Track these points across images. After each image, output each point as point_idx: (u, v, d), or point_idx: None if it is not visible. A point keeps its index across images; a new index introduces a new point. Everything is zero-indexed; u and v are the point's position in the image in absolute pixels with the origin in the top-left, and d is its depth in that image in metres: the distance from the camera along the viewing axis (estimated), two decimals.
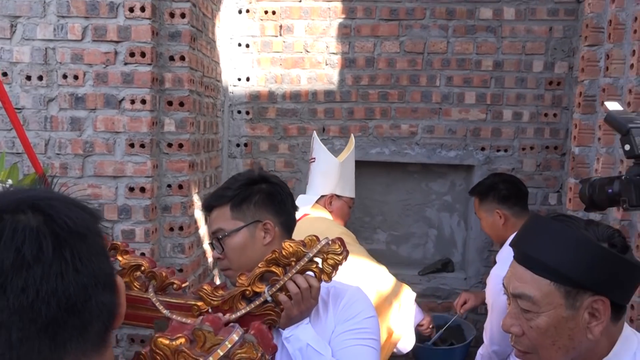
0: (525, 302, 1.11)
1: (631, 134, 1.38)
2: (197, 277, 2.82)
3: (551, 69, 3.18)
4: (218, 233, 1.52)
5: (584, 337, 1.10)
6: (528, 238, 1.16)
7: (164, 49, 2.53)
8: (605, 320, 1.08)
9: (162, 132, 2.58)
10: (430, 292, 3.35)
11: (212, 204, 1.56)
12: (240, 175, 1.62)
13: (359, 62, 3.26)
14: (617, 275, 1.08)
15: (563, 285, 1.08)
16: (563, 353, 1.11)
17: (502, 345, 2.50)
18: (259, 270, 1.40)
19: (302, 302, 1.37)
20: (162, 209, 2.61)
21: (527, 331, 1.12)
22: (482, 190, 2.67)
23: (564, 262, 1.07)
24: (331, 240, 1.40)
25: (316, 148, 2.53)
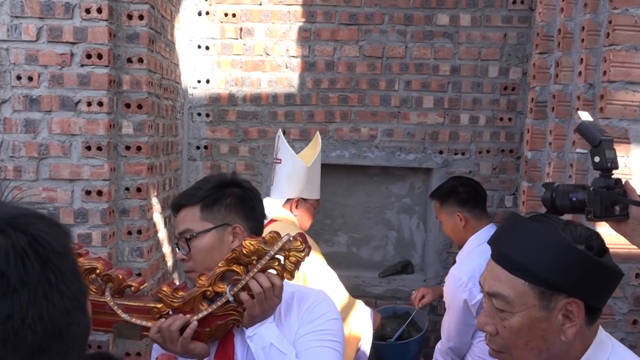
0: (500, 302, 1.11)
1: (602, 146, 1.43)
2: (156, 281, 2.79)
3: (506, 74, 3.26)
4: (185, 233, 1.48)
5: (557, 338, 1.09)
6: (505, 237, 1.15)
7: (122, 50, 2.50)
8: (579, 323, 1.07)
9: (119, 135, 2.55)
10: (390, 293, 3.39)
11: (182, 203, 1.52)
12: (213, 177, 1.60)
13: (319, 65, 3.28)
14: (593, 279, 1.07)
15: (537, 286, 1.07)
16: (536, 354, 1.11)
17: (458, 342, 2.56)
18: (219, 270, 1.37)
19: (265, 301, 1.35)
20: (120, 213, 2.58)
21: (501, 330, 1.12)
22: (442, 194, 2.72)
23: (539, 263, 1.06)
24: (292, 237, 1.38)
25: (282, 149, 2.49)
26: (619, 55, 2.04)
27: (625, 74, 2.05)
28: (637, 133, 2.06)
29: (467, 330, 2.54)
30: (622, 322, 2.13)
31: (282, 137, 2.49)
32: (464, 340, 2.57)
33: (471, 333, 2.54)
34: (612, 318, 2.13)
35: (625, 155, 2.07)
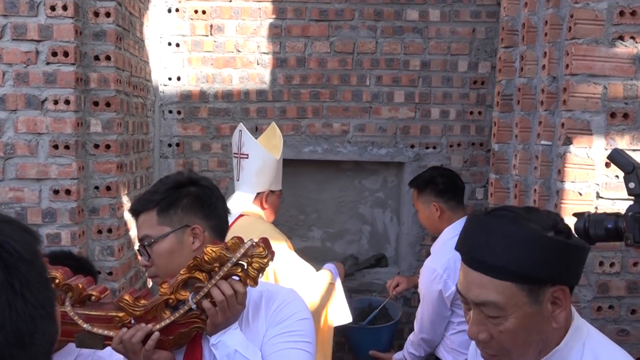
0: (491, 309, 1.10)
1: (636, 172, 1.44)
2: (128, 280, 2.78)
3: (475, 68, 3.30)
4: (144, 240, 1.45)
5: (550, 327, 1.12)
6: (476, 241, 1.13)
7: (89, 48, 2.48)
8: (567, 306, 1.12)
9: (88, 133, 2.52)
10: (365, 287, 3.42)
11: (138, 209, 1.49)
12: (168, 178, 1.55)
13: (290, 61, 3.29)
14: (570, 261, 1.10)
15: (525, 285, 1.08)
16: (535, 347, 1.13)
17: (431, 333, 2.60)
18: (181, 278, 1.35)
19: (228, 309, 1.33)
20: (89, 212, 2.56)
21: (497, 336, 1.11)
22: (421, 183, 2.74)
23: (521, 262, 1.07)
24: (255, 243, 1.36)
25: (248, 144, 2.46)
26: (580, 48, 2.08)
27: (587, 67, 2.09)
28: (598, 125, 2.11)
29: (441, 321, 2.58)
30: (587, 309, 2.18)
31: (247, 131, 2.45)
32: (437, 331, 2.60)
33: (444, 325, 2.58)
34: (577, 305, 2.18)
35: (588, 146, 2.11)
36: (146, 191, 1.54)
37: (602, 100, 2.10)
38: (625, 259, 2.16)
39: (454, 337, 2.55)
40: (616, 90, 2.10)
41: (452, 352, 2.57)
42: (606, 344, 1.20)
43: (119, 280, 2.63)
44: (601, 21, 2.07)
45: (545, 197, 2.23)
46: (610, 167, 2.13)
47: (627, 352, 2.25)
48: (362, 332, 2.96)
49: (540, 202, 2.24)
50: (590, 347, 1.15)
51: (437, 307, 2.51)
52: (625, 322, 2.19)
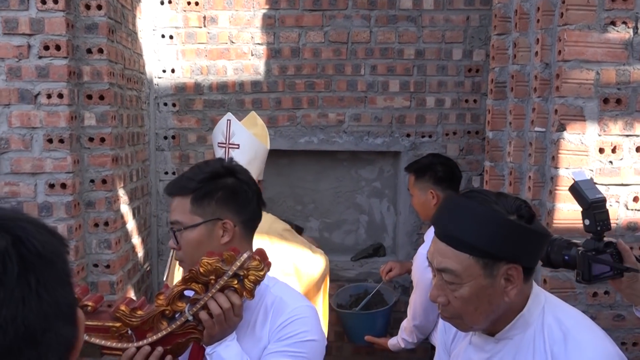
0: (449, 275, 1.22)
1: (591, 209, 1.45)
2: (125, 273, 2.79)
3: (470, 56, 3.29)
4: (175, 225, 1.46)
5: (501, 300, 1.23)
6: (447, 217, 1.26)
7: (81, 41, 2.47)
8: (519, 284, 1.22)
9: (82, 127, 2.52)
10: (363, 276, 3.42)
11: (173, 193, 1.48)
12: (207, 166, 1.51)
13: (285, 52, 3.28)
14: (527, 244, 1.22)
15: (481, 258, 1.20)
16: (485, 317, 1.25)
17: (423, 320, 2.61)
18: (177, 290, 1.36)
19: (225, 321, 1.34)
20: (85, 205, 2.57)
21: (452, 300, 1.24)
22: (419, 168, 2.73)
23: (479, 237, 1.19)
24: (251, 256, 1.36)
25: (238, 133, 2.43)
26: (572, 34, 2.07)
27: (579, 53, 2.09)
28: (592, 110, 2.11)
29: (434, 309, 2.58)
30: (582, 295, 2.19)
31: (237, 121, 2.42)
32: (429, 318, 2.61)
33: (437, 312, 2.59)
34: (572, 291, 2.19)
35: (582, 132, 2.11)
36: (183, 174, 1.52)
37: (594, 86, 2.10)
38: None
39: None
40: (609, 75, 2.10)
41: None
42: (562, 306, 1.33)
43: (117, 273, 2.64)
44: (593, 7, 2.06)
45: (539, 183, 2.24)
46: (604, 153, 2.13)
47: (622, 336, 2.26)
48: (356, 317, 2.98)
49: (535, 189, 2.24)
50: (549, 310, 1.29)
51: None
52: (620, 307, 2.20)
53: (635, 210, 2.16)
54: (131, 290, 2.90)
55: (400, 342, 2.78)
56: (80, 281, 2.52)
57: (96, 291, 2.61)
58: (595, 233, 1.48)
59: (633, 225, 2.16)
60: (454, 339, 1.50)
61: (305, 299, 1.52)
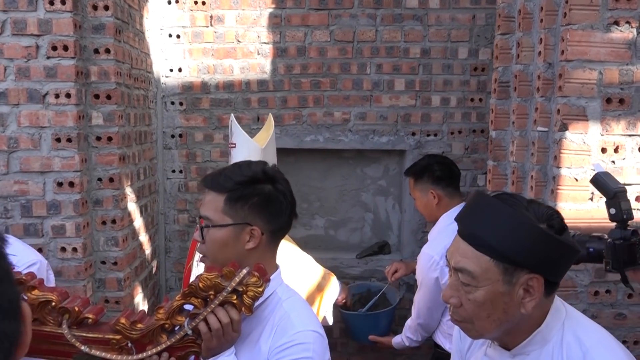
0: (466, 277, 1.17)
1: (617, 198, 1.47)
2: (133, 270, 2.83)
3: (475, 55, 3.30)
4: (205, 221, 1.45)
5: (517, 311, 1.16)
6: (472, 215, 1.20)
7: (88, 41, 2.51)
8: (538, 297, 1.15)
9: (90, 126, 2.56)
10: (368, 274, 3.45)
11: (209, 187, 1.47)
12: (248, 168, 1.48)
13: (291, 51, 3.30)
14: (553, 256, 1.14)
15: (502, 263, 1.14)
16: (497, 325, 1.18)
17: (427, 319, 2.63)
18: (176, 304, 1.38)
19: (223, 336, 1.35)
20: (93, 203, 2.61)
21: (465, 303, 1.19)
22: (417, 171, 2.75)
23: (504, 241, 1.13)
24: (250, 272, 1.37)
25: (235, 133, 2.47)
26: (575, 34, 2.08)
27: (582, 53, 2.09)
28: (594, 110, 2.11)
29: (438, 307, 2.60)
30: (584, 293, 2.20)
31: (235, 121, 2.46)
32: (434, 317, 2.63)
33: (441, 311, 2.61)
34: (574, 290, 2.20)
35: (584, 132, 2.12)
36: (224, 169, 1.50)
37: (597, 86, 2.10)
38: None
39: (450, 322, 2.58)
40: (612, 75, 2.10)
41: (449, 338, 2.59)
42: (583, 321, 1.26)
43: (124, 270, 2.67)
44: (596, 6, 2.06)
45: (542, 183, 2.24)
46: (607, 152, 2.14)
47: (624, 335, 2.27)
48: (361, 318, 3.00)
49: (537, 188, 2.25)
50: (570, 326, 1.22)
51: (434, 294, 2.53)
52: (622, 306, 2.21)
53: (637, 210, 2.16)
54: (138, 287, 2.94)
55: (405, 341, 2.80)
56: (88, 278, 2.56)
57: (104, 288, 2.65)
58: (621, 222, 1.48)
59: (635, 224, 2.16)
60: (470, 348, 1.46)
61: (313, 321, 1.48)
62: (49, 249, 2.49)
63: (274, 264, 1.54)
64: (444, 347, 2.66)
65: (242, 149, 2.45)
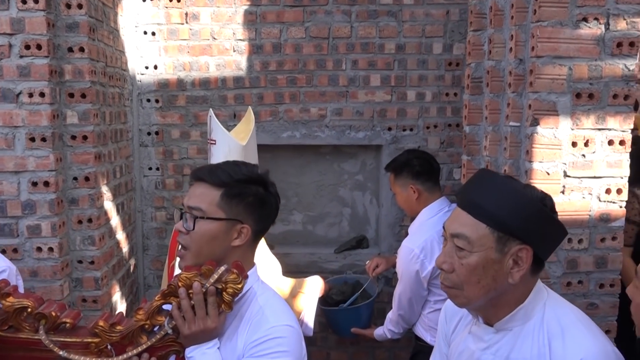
0: (462, 241, 1.26)
1: None
2: (110, 268, 2.82)
3: (450, 50, 3.34)
4: (196, 211, 1.44)
5: (505, 280, 1.26)
6: (476, 187, 1.30)
7: (62, 40, 2.48)
8: (525, 268, 1.25)
9: (64, 125, 2.54)
10: (347, 268, 3.48)
11: (203, 179, 1.47)
12: (245, 167, 1.52)
13: (266, 48, 3.30)
14: (544, 230, 1.26)
15: (497, 231, 1.24)
16: (485, 292, 1.27)
17: (407, 311, 2.67)
18: (156, 304, 1.40)
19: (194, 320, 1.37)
20: (69, 202, 2.59)
21: (458, 268, 1.27)
22: (397, 166, 2.78)
23: (501, 209, 1.23)
24: (228, 269, 1.39)
25: (215, 129, 2.46)
26: (545, 30, 2.12)
27: (552, 49, 2.13)
28: (564, 105, 2.16)
29: (418, 300, 2.64)
30: (557, 284, 2.25)
31: (214, 117, 2.44)
32: (414, 310, 2.67)
33: (421, 303, 2.65)
34: (547, 281, 2.25)
35: (555, 127, 2.16)
36: (219, 165, 1.52)
37: (567, 81, 2.15)
38: (593, 235, 2.23)
39: (431, 315, 2.62)
40: (581, 71, 2.15)
41: (430, 330, 2.64)
42: (563, 303, 1.37)
43: (101, 269, 2.66)
44: (565, 3, 2.10)
45: (515, 176, 2.29)
46: (577, 146, 2.19)
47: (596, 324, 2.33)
48: (342, 313, 3.03)
49: None
50: (551, 306, 1.32)
51: (414, 287, 2.57)
52: (594, 296, 2.27)
53: (607, 202, 2.22)
54: (116, 286, 2.93)
55: (387, 333, 2.84)
56: (65, 278, 2.55)
57: (81, 287, 2.64)
58: None
59: (605, 216, 2.22)
60: (455, 329, 1.52)
61: (287, 315, 1.49)
62: (24, 249, 2.47)
63: (251, 261, 1.56)
64: (424, 339, 2.70)
65: (223, 146, 2.44)
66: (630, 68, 2.14)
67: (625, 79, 2.15)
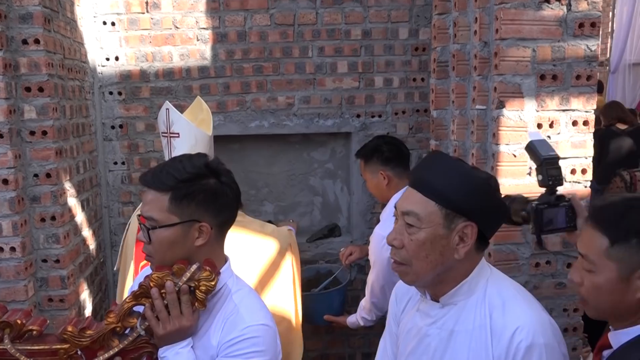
0: (411, 218, 1.34)
1: (544, 165, 1.59)
2: (77, 266, 2.75)
3: (416, 35, 3.32)
4: (149, 222, 1.40)
5: (451, 255, 1.34)
6: (426, 166, 1.40)
7: (16, 32, 2.39)
8: (470, 244, 1.34)
9: (22, 120, 2.46)
10: (320, 257, 3.46)
11: (149, 185, 1.42)
12: (190, 164, 1.44)
13: (231, 36, 3.24)
14: (489, 207, 1.35)
15: (445, 208, 1.31)
16: (432, 266, 1.35)
17: (380, 299, 2.67)
18: (127, 306, 1.37)
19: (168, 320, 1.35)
20: (30, 200, 2.51)
21: (407, 244, 1.35)
22: (367, 152, 2.77)
23: (449, 188, 1.31)
24: (201, 266, 1.37)
25: (176, 121, 2.35)
26: (509, 13, 2.12)
27: (515, 31, 2.13)
28: (529, 87, 2.17)
29: (391, 287, 2.60)
30: (526, 265, 2.27)
31: (174, 108, 2.35)
32: (387, 296, 2.65)
33: None
34: (516, 263, 2.26)
35: (520, 109, 2.17)
36: (163, 166, 1.45)
37: (531, 63, 2.16)
38: None
39: None
40: (544, 52, 2.16)
41: None
42: (505, 280, 1.46)
43: (67, 267, 2.60)
44: None
45: (482, 160, 2.29)
46: (542, 128, 2.20)
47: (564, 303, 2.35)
48: (313, 298, 3.02)
49: (478, 166, 2.29)
50: (493, 282, 1.41)
51: (387, 274, 2.57)
52: (561, 275, 2.29)
53: (573, 182, 2.24)
54: (84, 284, 2.86)
55: (360, 320, 2.84)
56: (29, 277, 2.48)
57: (47, 287, 2.57)
58: (548, 187, 1.61)
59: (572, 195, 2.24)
60: (404, 309, 1.59)
61: (262, 313, 1.47)
62: None
63: (223, 256, 1.53)
64: None
65: (188, 138, 2.35)
66: (592, 49, 2.16)
67: (588, 59, 2.16)
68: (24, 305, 2.43)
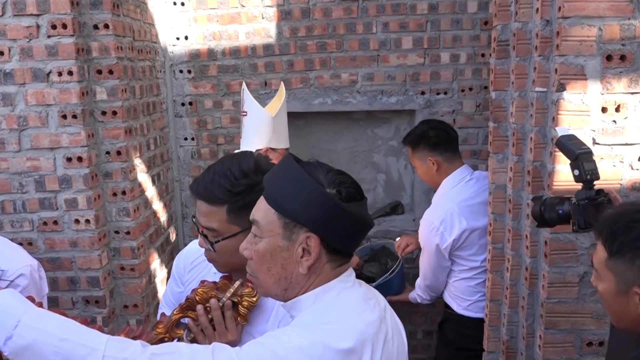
0: (255, 227, 1.22)
1: (579, 159, 1.53)
2: (147, 237, 2.93)
3: (485, 8, 3.19)
4: (210, 233, 1.44)
5: (295, 269, 1.20)
6: (272, 173, 1.25)
7: (87, 18, 2.54)
8: (313, 258, 1.18)
9: (94, 101, 2.62)
10: (382, 234, 3.48)
11: (204, 199, 1.43)
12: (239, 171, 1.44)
13: (295, 13, 3.26)
14: (331, 219, 1.15)
15: (283, 217, 1.17)
16: (276, 280, 1.22)
17: (433, 281, 2.67)
18: (174, 318, 1.46)
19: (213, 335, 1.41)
20: (103, 176, 2.69)
21: (253, 255, 1.23)
22: (413, 139, 2.74)
23: (284, 195, 1.17)
24: (244, 283, 1.43)
25: (247, 101, 2.51)
26: None
27: (579, 9, 2.01)
28: (593, 69, 2.04)
29: (442, 271, 2.63)
30: (585, 256, 2.18)
31: (247, 89, 2.49)
32: (439, 279, 2.66)
33: (446, 273, 2.64)
34: (574, 253, 2.18)
35: (583, 92, 2.06)
36: (213, 175, 1.44)
37: (597, 43, 2.02)
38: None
39: (456, 284, 2.61)
40: (612, 31, 2.02)
41: (456, 299, 2.64)
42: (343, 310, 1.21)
43: (137, 239, 2.78)
44: None
45: (541, 145, 2.20)
46: (607, 112, 2.08)
47: None
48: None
49: (537, 150, 2.21)
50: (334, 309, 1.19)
51: (436, 258, 2.56)
52: None
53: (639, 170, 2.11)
54: (154, 254, 3.05)
55: (417, 298, 2.86)
56: (103, 247, 2.67)
57: (119, 256, 2.76)
58: (585, 182, 1.54)
59: (638, 185, 2.12)
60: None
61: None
62: (63, 221, 2.60)
63: None
64: (452, 307, 2.70)
65: (254, 118, 2.50)
66: None
67: None
68: (97, 272, 2.64)
